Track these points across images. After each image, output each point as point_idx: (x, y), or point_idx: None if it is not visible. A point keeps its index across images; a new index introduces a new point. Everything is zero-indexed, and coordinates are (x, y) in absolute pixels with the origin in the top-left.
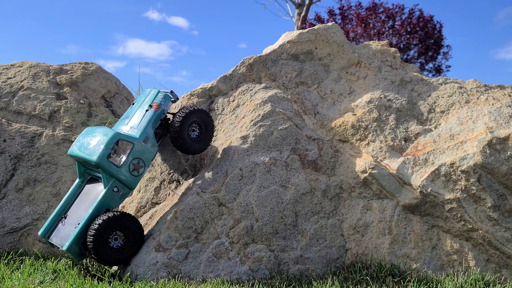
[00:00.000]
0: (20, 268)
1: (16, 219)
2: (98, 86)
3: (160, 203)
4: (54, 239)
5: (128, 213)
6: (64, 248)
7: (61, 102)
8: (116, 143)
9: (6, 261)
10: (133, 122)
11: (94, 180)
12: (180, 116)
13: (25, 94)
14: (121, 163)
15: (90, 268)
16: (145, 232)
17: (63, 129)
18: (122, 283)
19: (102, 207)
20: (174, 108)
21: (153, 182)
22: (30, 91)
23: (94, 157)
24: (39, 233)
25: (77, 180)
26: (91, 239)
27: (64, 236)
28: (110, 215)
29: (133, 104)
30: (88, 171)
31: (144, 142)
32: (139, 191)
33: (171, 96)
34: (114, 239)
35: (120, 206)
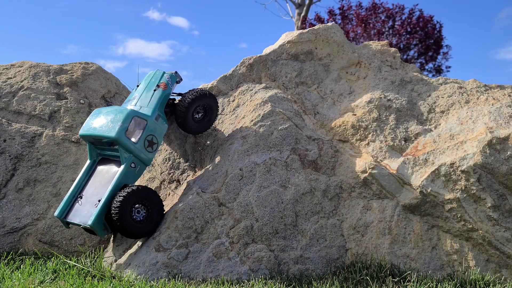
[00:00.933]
0: (20, 268)
1: (16, 219)
2: (98, 86)
3: None
4: (74, 218)
5: (148, 186)
6: (89, 223)
7: (61, 102)
8: (132, 120)
9: (6, 261)
10: (142, 102)
11: (105, 160)
12: (189, 98)
13: (25, 94)
14: (138, 139)
15: (90, 268)
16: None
17: (63, 129)
18: (122, 283)
19: (122, 182)
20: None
21: (153, 182)
22: (30, 91)
23: (112, 133)
24: (55, 214)
25: (88, 161)
26: (116, 211)
27: (85, 214)
28: (132, 189)
29: (137, 86)
30: (99, 151)
31: (156, 120)
32: None
33: (176, 76)
34: (137, 212)
35: None
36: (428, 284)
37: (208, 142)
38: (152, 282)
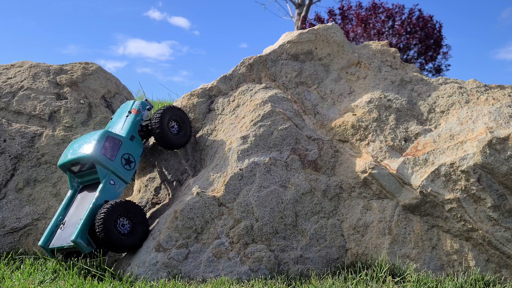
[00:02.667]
0: (20, 268)
1: (16, 219)
2: (98, 86)
3: (160, 203)
4: (56, 242)
5: (130, 200)
6: (72, 238)
7: (61, 102)
8: (106, 139)
9: (6, 261)
10: (117, 128)
11: (86, 187)
12: (157, 117)
13: (25, 94)
14: (114, 157)
15: (90, 268)
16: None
17: (63, 129)
18: (122, 283)
19: (102, 199)
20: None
21: (153, 182)
22: (30, 91)
23: (88, 152)
24: (39, 243)
25: (70, 191)
26: (101, 224)
27: (67, 236)
28: (115, 201)
29: (111, 119)
30: (80, 180)
31: (130, 140)
32: (139, 191)
33: (146, 103)
34: (121, 225)
35: None
36: (428, 284)
37: (208, 142)
38: (152, 282)
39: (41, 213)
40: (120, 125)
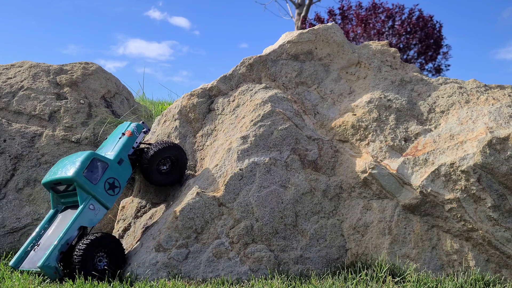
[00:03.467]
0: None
1: (16, 219)
2: (98, 86)
3: (160, 203)
4: (26, 265)
5: (110, 234)
6: (39, 264)
7: (61, 102)
8: (91, 161)
9: (6, 261)
10: (107, 149)
11: (68, 208)
12: (149, 153)
13: (25, 94)
14: (97, 180)
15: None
16: (145, 232)
17: (63, 129)
18: (122, 283)
19: (79, 224)
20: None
21: None
22: (30, 91)
23: (69, 173)
24: (10, 263)
25: (51, 211)
26: (79, 260)
27: (37, 259)
28: (93, 237)
29: (105, 139)
30: (63, 200)
31: (118, 164)
32: (140, 191)
33: (142, 126)
34: (98, 261)
35: (120, 205)
36: (428, 284)
37: (208, 142)
38: (152, 282)
39: (41, 213)
40: (111, 147)
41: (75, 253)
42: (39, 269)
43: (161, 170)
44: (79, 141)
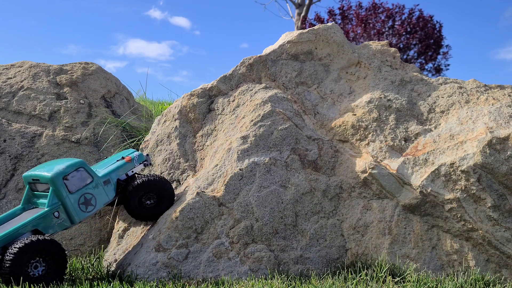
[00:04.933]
0: None
1: None
2: (98, 86)
3: None
4: None
5: (52, 239)
6: None
7: (61, 102)
8: (77, 169)
9: None
10: (102, 166)
11: (35, 208)
12: (133, 185)
13: (25, 94)
14: (75, 190)
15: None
16: (145, 232)
17: (63, 129)
18: (122, 283)
19: (34, 226)
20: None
21: None
22: (30, 91)
23: (50, 173)
24: None
25: (19, 206)
26: (8, 265)
27: None
28: (31, 240)
29: (105, 158)
30: (35, 200)
31: (104, 183)
32: None
33: (144, 158)
34: (34, 267)
35: (121, 206)
36: (428, 284)
37: (208, 142)
38: (152, 282)
39: None
40: (107, 165)
41: (6, 258)
42: None
43: (145, 204)
44: (79, 141)
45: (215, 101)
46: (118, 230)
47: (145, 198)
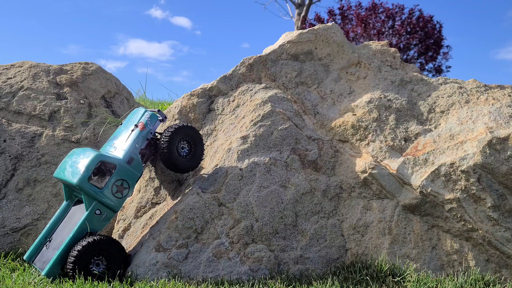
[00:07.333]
0: (20, 268)
1: (16, 219)
2: (98, 86)
3: (160, 203)
4: (38, 263)
5: (111, 237)
6: (43, 273)
7: (61, 102)
8: (98, 165)
9: (5, 261)
10: (119, 143)
11: (81, 202)
12: (166, 135)
13: (25, 94)
14: (103, 185)
15: None
16: (145, 232)
17: (63, 129)
18: (122, 283)
19: (84, 230)
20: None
21: (153, 182)
22: (30, 91)
23: (74, 180)
24: (25, 257)
25: (64, 203)
26: (71, 266)
27: (46, 260)
28: (90, 240)
29: (121, 124)
30: (75, 193)
31: (128, 163)
32: (139, 191)
33: (158, 115)
34: (96, 265)
35: None
36: (428, 284)
37: (208, 142)
38: (152, 282)
39: (41, 213)
40: (123, 140)
41: (69, 259)
42: (43, 276)
43: (181, 153)
44: (79, 141)
45: (215, 101)
46: (118, 230)
47: (181, 146)
